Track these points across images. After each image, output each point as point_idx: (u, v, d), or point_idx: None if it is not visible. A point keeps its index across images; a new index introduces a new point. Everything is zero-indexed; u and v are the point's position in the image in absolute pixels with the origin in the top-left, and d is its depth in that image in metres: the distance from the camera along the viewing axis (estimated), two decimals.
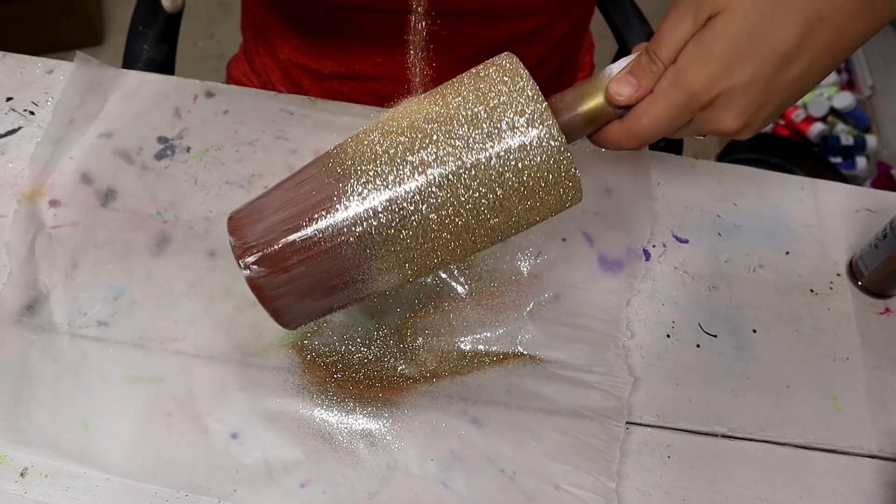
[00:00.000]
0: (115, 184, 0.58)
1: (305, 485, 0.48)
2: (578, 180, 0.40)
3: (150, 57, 0.75)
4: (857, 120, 1.62)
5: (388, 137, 0.41)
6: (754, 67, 0.36)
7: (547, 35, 0.68)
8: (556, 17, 0.67)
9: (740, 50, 0.35)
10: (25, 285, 0.53)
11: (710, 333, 0.56)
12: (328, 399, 0.51)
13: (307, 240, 0.41)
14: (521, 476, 0.49)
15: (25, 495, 0.47)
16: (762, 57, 0.35)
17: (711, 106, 0.37)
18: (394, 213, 0.40)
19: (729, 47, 0.36)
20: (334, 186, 0.41)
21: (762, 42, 0.35)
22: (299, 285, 0.42)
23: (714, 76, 0.36)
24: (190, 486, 0.48)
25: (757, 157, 1.50)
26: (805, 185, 0.63)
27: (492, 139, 0.39)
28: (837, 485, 0.51)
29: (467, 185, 0.39)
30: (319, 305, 0.44)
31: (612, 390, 0.52)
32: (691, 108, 0.38)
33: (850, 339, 0.56)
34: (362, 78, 0.68)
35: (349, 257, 0.41)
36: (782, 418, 0.53)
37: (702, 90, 0.37)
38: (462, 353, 0.53)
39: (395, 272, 0.42)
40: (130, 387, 0.50)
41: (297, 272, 0.41)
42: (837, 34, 0.36)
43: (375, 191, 0.40)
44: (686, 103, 0.38)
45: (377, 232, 0.40)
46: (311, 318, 0.47)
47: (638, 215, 0.59)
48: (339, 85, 0.70)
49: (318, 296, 0.43)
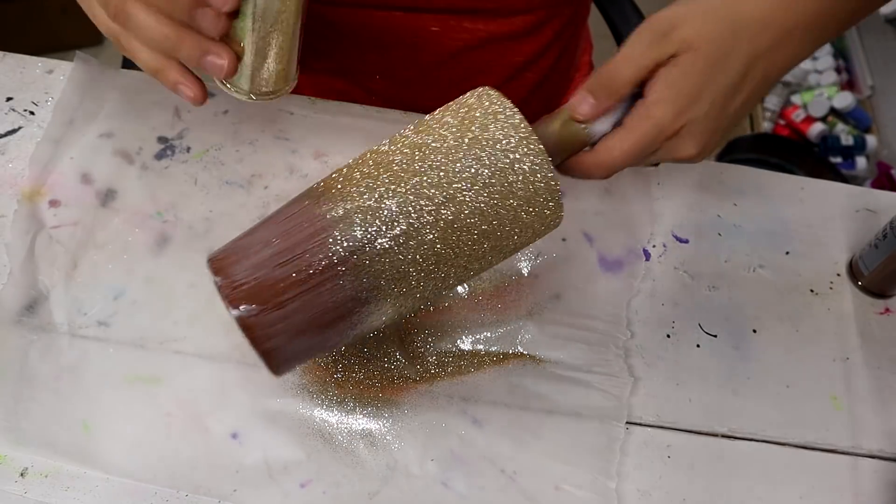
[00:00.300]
0: (115, 184, 0.58)
1: (305, 485, 0.48)
2: (561, 203, 0.41)
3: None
4: (857, 120, 1.62)
5: (377, 169, 0.40)
6: (710, 99, 0.40)
7: (538, 34, 0.68)
8: (546, 16, 0.67)
9: (701, 86, 0.39)
10: (25, 285, 0.53)
11: (710, 333, 0.56)
12: (328, 399, 0.51)
13: (301, 272, 0.39)
14: (521, 476, 0.49)
15: (25, 495, 0.47)
16: (716, 90, 0.40)
17: (676, 136, 0.41)
18: (388, 241, 0.39)
19: (694, 84, 0.39)
20: (324, 219, 0.40)
21: (717, 77, 0.40)
22: (293, 322, 0.40)
23: (681, 111, 0.40)
24: (190, 486, 0.48)
25: (757, 157, 1.50)
26: (805, 185, 0.63)
27: (480, 163, 0.39)
28: (837, 485, 0.51)
29: (457, 210, 0.39)
30: (312, 344, 0.42)
31: (612, 390, 0.52)
32: (660, 140, 0.41)
33: (850, 339, 0.56)
34: (354, 73, 0.68)
35: (345, 289, 0.40)
36: (782, 418, 0.53)
37: (670, 123, 0.40)
38: (462, 353, 0.53)
39: (390, 301, 0.41)
40: (130, 387, 0.50)
41: (292, 308, 0.39)
42: (770, 64, 0.41)
43: (368, 221, 0.39)
44: (656, 135, 0.41)
45: (372, 261, 0.39)
46: (303, 361, 0.45)
47: (638, 215, 0.59)
48: (332, 81, 0.70)
49: (312, 333, 0.41)
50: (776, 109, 1.66)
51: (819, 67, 1.70)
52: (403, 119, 0.63)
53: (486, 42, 0.66)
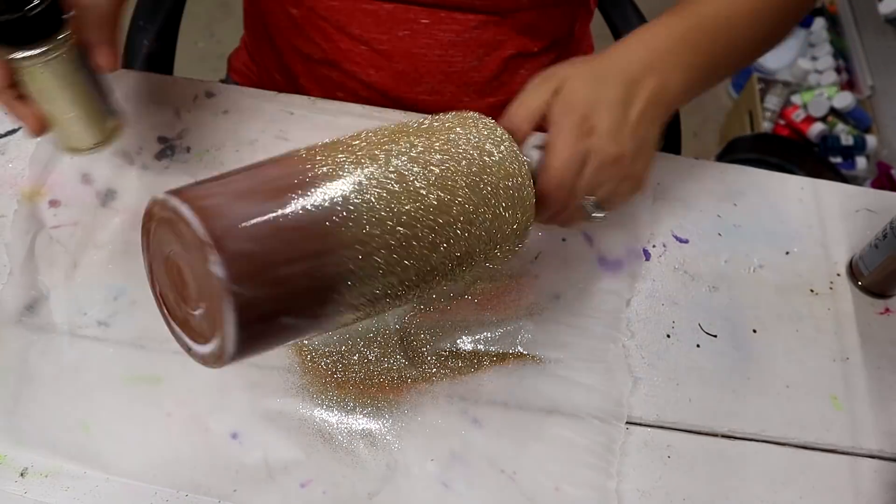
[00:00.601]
0: (115, 184, 0.58)
1: (305, 485, 0.48)
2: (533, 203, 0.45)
3: (150, 52, 0.76)
4: (857, 120, 1.62)
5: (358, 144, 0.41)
6: (605, 105, 0.47)
7: (530, 33, 0.68)
8: (537, 16, 0.67)
9: (591, 97, 0.47)
10: (25, 285, 0.53)
11: (710, 333, 0.56)
12: (328, 399, 0.51)
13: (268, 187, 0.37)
14: (521, 476, 0.49)
15: (25, 495, 0.47)
16: (608, 97, 0.47)
17: (594, 136, 0.46)
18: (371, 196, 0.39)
19: (584, 97, 0.47)
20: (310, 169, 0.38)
21: (602, 90, 0.47)
22: (237, 188, 0.37)
23: (584, 117, 0.46)
24: (190, 485, 0.48)
25: (757, 157, 1.50)
26: (805, 185, 0.63)
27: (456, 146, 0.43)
28: (837, 485, 0.51)
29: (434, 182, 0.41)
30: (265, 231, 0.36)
31: (612, 390, 0.52)
32: (581, 141, 0.46)
33: (850, 339, 0.56)
34: (349, 64, 0.69)
35: (314, 204, 0.37)
36: (782, 418, 0.53)
37: (580, 125, 0.46)
38: (462, 353, 0.53)
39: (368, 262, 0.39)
40: (130, 387, 0.50)
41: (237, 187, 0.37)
42: (660, 86, 0.48)
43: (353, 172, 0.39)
44: (574, 139, 0.46)
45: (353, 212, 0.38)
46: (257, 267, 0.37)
47: (638, 215, 0.59)
48: (327, 71, 0.71)
49: (259, 204, 0.36)
50: (776, 109, 1.66)
51: (819, 67, 1.70)
52: (404, 119, 0.62)
53: (477, 30, 0.66)
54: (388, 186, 0.39)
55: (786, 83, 1.69)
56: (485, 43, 0.67)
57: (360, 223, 0.38)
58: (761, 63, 1.76)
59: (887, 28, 1.57)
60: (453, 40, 0.66)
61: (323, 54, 0.69)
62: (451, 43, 0.66)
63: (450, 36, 0.66)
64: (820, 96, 1.63)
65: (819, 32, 1.75)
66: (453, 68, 0.68)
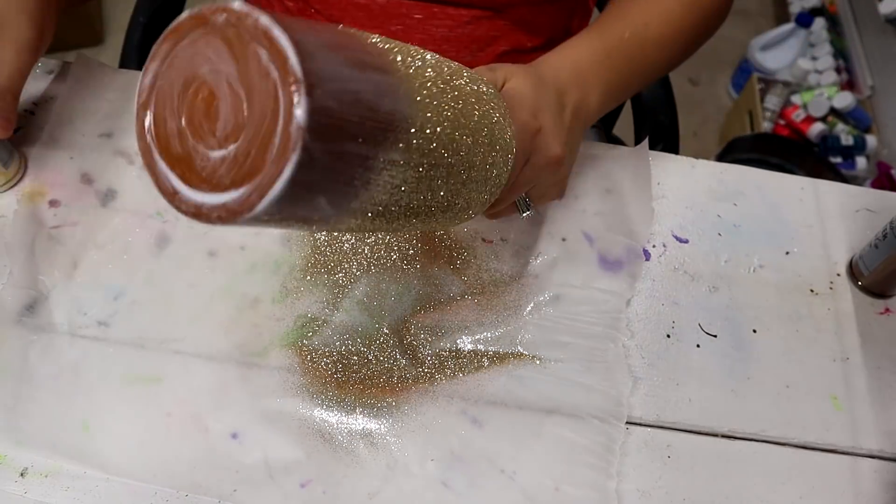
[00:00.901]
0: (115, 184, 0.58)
1: (305, 485, 0.48)
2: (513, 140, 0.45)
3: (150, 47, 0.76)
4: (857, 120, 1.62)
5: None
6: (547, 108, 0.48)
7: (525, 28, 0.68)
8: (532, 12, 0.67)
9: (535, 98, 0.48)
10: (25, 285, 0.53)
11: (710, 333, 0.56)
12: (328, 399, 0.51)
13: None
14: (521, 476, 0.49)
15: (25, 495, 0.47)
16: (548, 102, 0.49)
17: (540, 135, 0.47)
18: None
19: (528, 95, 0.48)
20: (394, 63, 0.37)
21: (542, 94, 0.49)
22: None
23: (533, 113, 0.47)
24: (190, 485, 0.48)
25: (757, 157, 1.50)
26: (805, 185, 0.63)
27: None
28: (837, 485, 0.51)
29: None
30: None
31: (611, 390, 0.52)
32: (531, 132, 0.47)
33: (850, 339, 0.56)
34: None
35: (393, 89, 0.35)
36: (782, 418, 0.53)
37: (530, 121, 0.47)
38: (462, 353, 0.53)
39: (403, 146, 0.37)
40: (130, 387, 0.50)
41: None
42: (581, 100, 0.52)
43: (429, 90, 0.38)
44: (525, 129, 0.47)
45: (418, 119, 0.37)
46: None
47: (638, 215, 0.59)
48: None
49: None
50: (776, 109, 1.66)
51: (819, 67, 1.70)
52: None
53: (470, 25, 0.66)
54: (453, 106, 0.39)
55: (786, 83, 1.69)
56: (478, 38, 0.67)
57: (424, 130, 0.37)
58: (761, 63, 1.76)
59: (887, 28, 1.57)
60: (446, 35, 0.66)
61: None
62: (443, 38, 0.66)
63: (443, 31, 0.66)
64: (820, 96, 1.63)
65: (819, 32, 1.75)
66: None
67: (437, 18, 0.66)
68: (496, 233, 0.58)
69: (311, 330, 0.53)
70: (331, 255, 0.56)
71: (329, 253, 0.56)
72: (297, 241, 0.56)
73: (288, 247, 0.56)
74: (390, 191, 0.37)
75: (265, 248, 0.56)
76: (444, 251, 0.57)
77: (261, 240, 0.56)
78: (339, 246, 0.56)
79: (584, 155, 0.62)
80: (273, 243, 0.56)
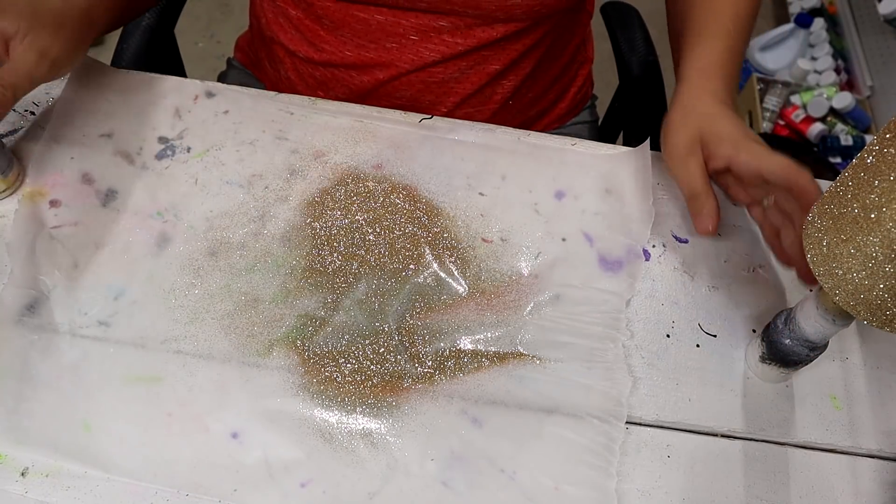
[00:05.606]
0: (115, 184, 0.58)
1: (305, 485, 0.48)
2: None
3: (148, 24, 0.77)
4: (856, 120, 1.62)
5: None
6: (743, 133, 0.57)
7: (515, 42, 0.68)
8: (524, 28, 0.67)
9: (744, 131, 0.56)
10: (26, 285, 0.53)
11: (710, 333, 0.56)
12: (328, 399, 0.51)
13: None
14: (521, 476, 0.49)
15: (26, 495, 0.47)
16: (741, 130, 0.57)
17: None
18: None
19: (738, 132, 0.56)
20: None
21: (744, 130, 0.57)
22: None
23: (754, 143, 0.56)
24: (190, 485, 0.48)
25: None
26: None
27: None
28: (837, 485, 0.51)
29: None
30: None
31: (612, 390, 0.52)
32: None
33: (849, 339, 0.56)
34: (335, 65, 0.70)
35: None
36: (782, 418, 0.53)
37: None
38: (462, 353, 0.53)
39: None
40: (131, 387, 0.50)
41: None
42: (731, 93, 0.60)
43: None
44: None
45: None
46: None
47: (638, 215, 0.59)
48: (312, 69, 0.71)
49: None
50: (776, 110, 1.66)
51: (818, 68, 1.70)
52: (403, 119, 0.63)
53: (464, 53, 0.67)
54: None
55: (785, 83, 1.69)
56: (470, 59, 0.68)
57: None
58: (761, 63, 1.76)
59: (887, 28, 1.57)
60: (438, 60, 0.67)
61: (309, 54, 0.70)
62: (434, 62, 0.67)
63: (435, 56, 0.67)
64: (819, 96, 1.63)
65: (819, 33, 1.75)
66: (433, 78, 0.69)
67: (433, 43, 0.66)
68: (496, 233, 0.58)
69: (311, 330, 0.53)
70: (330, 254, 0.56)
71: (329, 253, 0.56)
72: (297, 241, 0.56)
73: (288, 247, 0.56)
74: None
75: (265, 248, 0.56)
76: (444, 251, 0.57)
77: (261, 240, 0.56)
78: (339, 246, 0.56)
79: (584, 155, 0.62)
80: (273, 243, 0.56)
